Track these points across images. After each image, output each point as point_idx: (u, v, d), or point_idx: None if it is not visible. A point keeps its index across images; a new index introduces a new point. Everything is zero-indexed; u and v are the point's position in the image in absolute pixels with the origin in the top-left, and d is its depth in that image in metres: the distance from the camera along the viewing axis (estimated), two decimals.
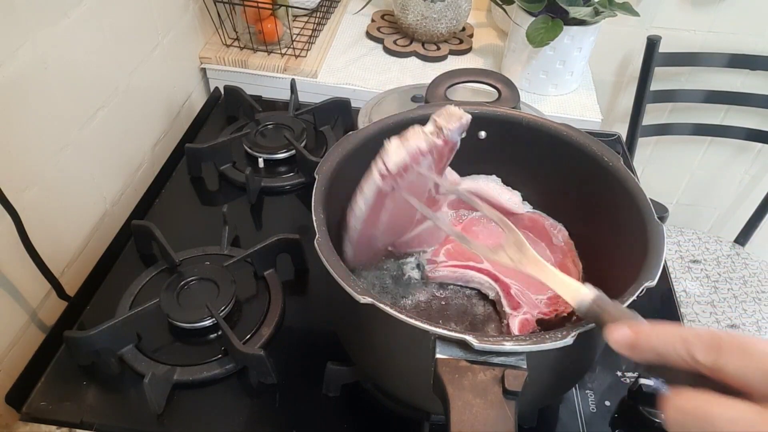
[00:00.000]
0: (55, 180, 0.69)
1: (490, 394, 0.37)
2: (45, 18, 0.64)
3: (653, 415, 0.55)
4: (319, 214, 0.49)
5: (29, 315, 0.66)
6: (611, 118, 1.51)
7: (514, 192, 0.66)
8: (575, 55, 1.06)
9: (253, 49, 1.11)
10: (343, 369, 0.56)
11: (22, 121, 0.62)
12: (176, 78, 1.00)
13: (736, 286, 1.25)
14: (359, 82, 1.10)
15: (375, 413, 0.58)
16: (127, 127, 0.84)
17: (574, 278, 0.56)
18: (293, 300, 0.67)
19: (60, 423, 0.55)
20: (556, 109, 1.09)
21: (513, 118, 0.62)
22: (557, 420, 0.57)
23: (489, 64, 1.19)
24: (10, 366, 0.63)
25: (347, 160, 0.55)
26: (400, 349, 0.45)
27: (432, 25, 1.16)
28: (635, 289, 0.42)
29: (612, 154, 0.56)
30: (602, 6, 1.00)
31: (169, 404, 0.56)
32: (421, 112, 0.61)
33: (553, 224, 0.64)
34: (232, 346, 0.57)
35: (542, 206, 0.66)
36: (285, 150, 0.84)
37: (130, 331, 0.60)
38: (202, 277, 0.65)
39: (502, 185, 0.66)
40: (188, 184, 0.83)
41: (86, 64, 0.73)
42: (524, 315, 0.57)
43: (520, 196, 0.66)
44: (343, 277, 0.43)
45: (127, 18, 0.81)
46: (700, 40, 1.34)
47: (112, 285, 0.67)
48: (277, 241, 0.67)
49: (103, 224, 0.80)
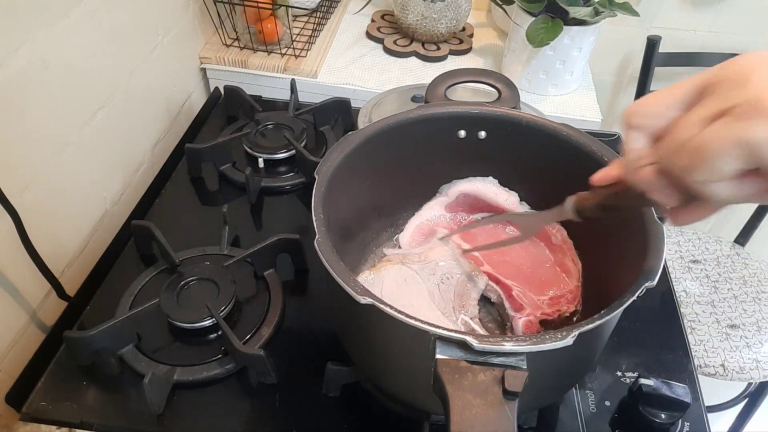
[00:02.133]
0: (55, 180, 0.69)
1: (490, 395, 0.37)
2: (45, 18, 0.64)
3: (653, 415, 0.55)
4: (319, 214, 0.49)
5: (29, 315, 0.66)
6: (611, 118, 1.51)
7: (512, 192, 0.66)
8: (575, 55, 1.06)
9: (253, 49, 1.11)
10: (343, 369, 0.56)
11: (22, 121, 0.62)
12: (176, 78, 1.00)
13: (736, 286, 1.25)
14: (359, 82, 1.10)
15: (375, 413, 0.58)
16: (127, 127, 0.84)
17: (574, 277, 0.56)
18: (293, 300, 0.66)
19: (60, 423, 0.55)
20: (556, 109, 1.09)
21: (513, 118, 0.62)
22: (557, 420, 0.57)
23: (489, 64, 1.19)
24: (10, 366, 0.63)
25: (347, 160, 0.55)
26: (400, 350, 0.45)
27: (432, 25, 1.16)
28: (635, 289, 0.42)
29: (612, 154, 0.56)
30: (602, 6, 1.00)
31: (169, 404, 0.56)
32: (421, 112, 0.61)
33: (552, 224, 0.64)
34: (232, 346, 0.57)
35: (542, 206, 0.65)
36: (285, 150, 0.84)
37: (130, 331, 0.60)
38: (202, 277, 0.65)
39: (498, 186, 0.66)
40: (188, 184, 0.83)
41: (86, 64, 0.73)
42: (527, 317, 0.57)
43: (518, 197, 0.66)
44: (343, 277, 0.43)
45: (127, 18, 0.81)
46: (700, 40, 1.34)
47: (112, 285, 0.67)
48: (277, 241, 0.67)
49: (103, 224, 0.80)
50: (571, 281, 0.60)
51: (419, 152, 0.63)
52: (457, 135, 0.63)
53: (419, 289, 0.57)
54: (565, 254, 0.62)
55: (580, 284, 0.59)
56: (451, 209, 0.67)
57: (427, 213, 0.67)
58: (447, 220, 0.67)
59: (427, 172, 0.66)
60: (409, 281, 0.58)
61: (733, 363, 1.11)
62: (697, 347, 1.13)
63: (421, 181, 0.67)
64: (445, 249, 0.62)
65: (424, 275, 0.59)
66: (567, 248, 0.62)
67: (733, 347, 1.13)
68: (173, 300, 0.62)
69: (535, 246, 0.64)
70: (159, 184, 0.81)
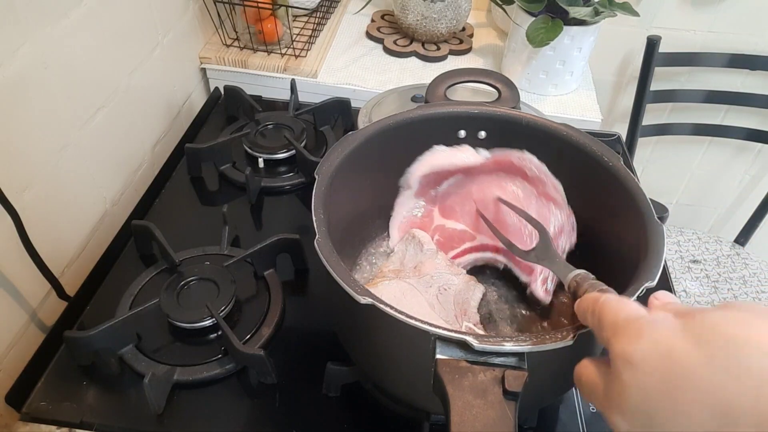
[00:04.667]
0: (55, 180, 0.69)
1: (491, 395, 0.37)
2: (45, 18, 0.64)
3: None
4: (319, 214, 0.49)
5: (29, 315, 0.66)
6: (611, 118, 1.51)
7: (463, 147, 0.62)
8: (575, 55, 1.06)
9: (253, 49, 1.11)
10: (343, 369, 0.56)
11: (22, 121, 0.62)
12: (176, 78, 1.00)
13: (736, 286, 1.25)
14: (359, 82, 1.10)
15: (375, 413, 0.58)
16: (127, 127, 0.84)
17: (561, 205, 0.58)
18: (293, 300, 0.67)
19: (60, 423, 0.55)
20: (556, 109, 1.09)
21: (513, 118, 0.62)
22: (557, 420, 0.57)
23: (489, 64, 1.19)
24: (10, 366, 0.63)
25: (347, 160, 0.55)
26: (400, 350, 0.45)
27: (432, 25, 1.16)
28: (635, 289, 0.42)
29: (612, 154, 0.56)
30: (602, 6, 1.00)
31: (169, 404, 0.56)
32: (421, 112, 0.61)
33: (520, 155, 0.60)
34: (232, 346, 0.57)
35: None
36: (285, 150, 0.84)
37: (130, 331, 0.60)
38: (202, 277, 0.65)
39: (447, 148, 0.62)
40: (188, 184, 0.83)
41: (86, 64, 0.73)
42: (541, 275, 0.58)
43: (470, 148, 0.62)
44: (343, 277, 0.43)
45: (127, 18, 0.81)
46: (700, 40, 1.34)
47: (112, 285, 0.67)
48: (277, 241, 0.67)
49: (103, 224, 0.80)
50: (561, 211, 0.58)
51: (419, 152, 0.63)
52: (457, 135, 0.63)
53: (419, 301, 0.57)
54: (545, 184, 0.59)
55: (570, 209, 0.58)
56: (421, 194, 0.66)
57: (401, 210, 0.66)
58: (423, 206, 0.66)
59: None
60: (408, 294, 0.57)
61: None
62: None
63: None
64: (437, 261, 0.61)
65: (422, 288, 0.59)
66: (546, 177, 0.59)
67: None
68: (173, 300, 0.62)
69: (513, 180, 0.61)
70: (159, 184, 0.81)
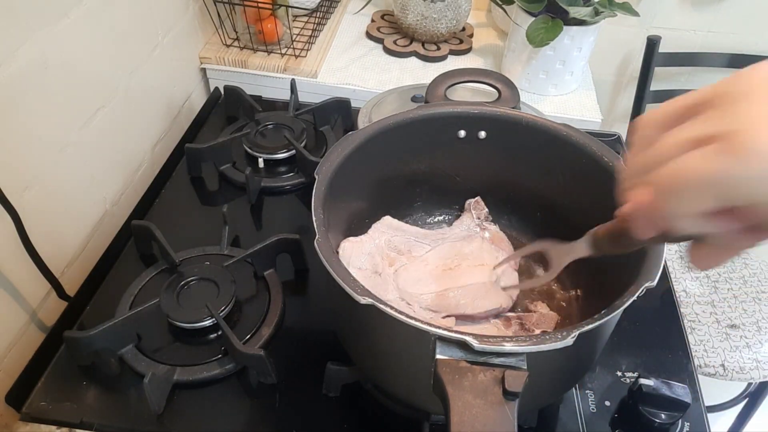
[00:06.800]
0: (55, 180, 0.69)
1: (490, 395, 0.37)
2: (45, 18, 0.64)
3: (653, 415, 0.55)
4: (319, 214, 0.49)
5: (29, 315, 0.66)
6: (611, 118, 1.51)
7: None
8: (575, 55, 1.06)
9: (253, 49, 1.11)
10: (343, 369, 0.56)
11: (22, 121, 0.62)
12: (176, 78, 1.00)
13: (736, 286, 1.25)
14: (359, 82, 1.10)
15: (375, 413, 0.58)
16: (127, 127, 0.84)
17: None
18: (293, 300, 0.66)
19: (60, 423, 0.55)
20: (556, 109, 1.09)
21: (513, 118, 0.62)
22: (557, 420, 0.57)
23: (489, 64, 1.19)
24: (10, 366, 0.63)
25: (347, 160, 0.55)
26: (400, 350, 0.45)
27: (432, 25, 1.16)
28: (635, 289, 0.42)
29: (612, 154, 0.56)
30: (602, 6, 1.00)
31: (169, 404, 0.56)
32: (421, 112, 0.61)
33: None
34: (232, 346, 0.57)
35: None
36: (285, 150, 0.84)
37: (130, 331, 0.60)
38: (202, 277, 0.64)
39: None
40: (188, 184, 0.83)
41: (86, 64, 0.73)
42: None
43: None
44: (343, 277, 0.43)
45: (127, 18, 0.81)
46: (700, 40, 1.34)
47: (112, 285, 0.67)
48: (277, 241, 0.67)
49: (103, 224, 0.80)
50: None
51: (419, 152, 0.63)
52: (457, 135, 0.63)
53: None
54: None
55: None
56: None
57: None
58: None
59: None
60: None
61: (733, 363, 1.11)
62: (697, 347, 1.13)
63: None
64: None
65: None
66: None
67: (733, 347, 1.13)
68: (173, 300, 0.62)
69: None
70: (159, 184, 0.81)
